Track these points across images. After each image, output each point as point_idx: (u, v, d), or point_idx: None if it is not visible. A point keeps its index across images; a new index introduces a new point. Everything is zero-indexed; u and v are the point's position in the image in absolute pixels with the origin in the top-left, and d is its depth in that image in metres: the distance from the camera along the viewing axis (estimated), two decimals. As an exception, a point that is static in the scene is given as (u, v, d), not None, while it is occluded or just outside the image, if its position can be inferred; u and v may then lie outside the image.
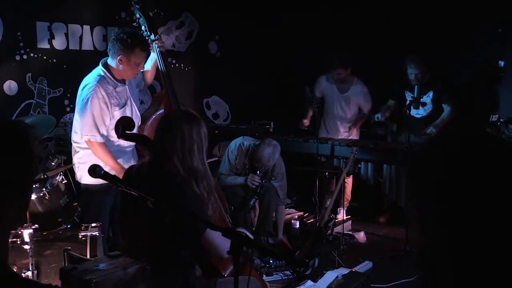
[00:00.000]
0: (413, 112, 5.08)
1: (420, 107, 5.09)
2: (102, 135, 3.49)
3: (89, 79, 3.52)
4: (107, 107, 3.49)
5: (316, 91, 5.55)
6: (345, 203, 5.27)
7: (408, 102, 4.87)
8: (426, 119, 5.18)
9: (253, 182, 4.35)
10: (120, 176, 3.09)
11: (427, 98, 5.13)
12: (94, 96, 3.42)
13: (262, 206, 4.63)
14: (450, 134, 1.03)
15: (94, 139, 3.47)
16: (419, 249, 1.02)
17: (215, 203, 2.45)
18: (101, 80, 3.49)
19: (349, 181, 5.44)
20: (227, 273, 2.59)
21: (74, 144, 3.63)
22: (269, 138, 4.46)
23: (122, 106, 3.58)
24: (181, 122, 2.37)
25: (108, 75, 3.53)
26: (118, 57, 3.49)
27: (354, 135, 5.59)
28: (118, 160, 3.58)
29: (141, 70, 3.86)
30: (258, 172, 4.36)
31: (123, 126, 2.59)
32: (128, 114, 3.60)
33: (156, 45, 3.79)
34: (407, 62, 5.08)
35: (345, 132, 5.57)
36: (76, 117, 3.56)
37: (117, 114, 3.52)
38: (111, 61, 3.56)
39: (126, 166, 3.48)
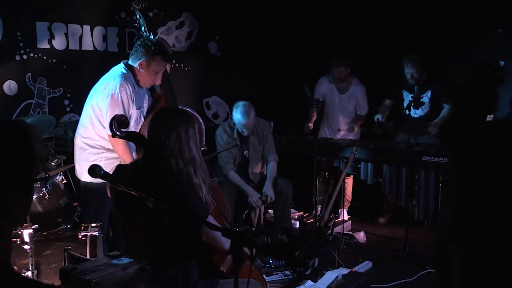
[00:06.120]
0: (411, 112, 5.09)
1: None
2: None
3: (113, 76, 3.52)
4: (130, 104, 3.51)
5: (316, 92, 5.58)
6: (345, 203, 5.27)
7: (406, 101, 4.85)
8: (423, 119, 5.18)
9: (256, 204, 4.60)
10: None
11: (425, 98, 5.13)
12: (123, 90, 3.44)
13: (278, 202, 4.73)
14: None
15: None
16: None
17: (208, 195, 2.49)
18: (125, 77, 3.51)
19: (349, 181, 5.45)
20: (226, 270, 2.58)
21: (83, 140, 3.59)
22: (237, 102, 4.66)
23: (139, 107, 3.61)
24: (174, 117, 2.48)
25: (131, 74, 3.56)
26: (139, 61, 3.52)
27: (353, 135, 5.61)
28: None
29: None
30: (260, 196, 4.59)
31: (118, 124, 2.56)
32: (142, 118, 3.66)
33: None
34: (404, 62, 5.08)
35: (345, 131, 5.60)
36: (100, 112, 3.49)
37: (134, 114, 3.55)
38: (132, 63, 3.58)
39: None
